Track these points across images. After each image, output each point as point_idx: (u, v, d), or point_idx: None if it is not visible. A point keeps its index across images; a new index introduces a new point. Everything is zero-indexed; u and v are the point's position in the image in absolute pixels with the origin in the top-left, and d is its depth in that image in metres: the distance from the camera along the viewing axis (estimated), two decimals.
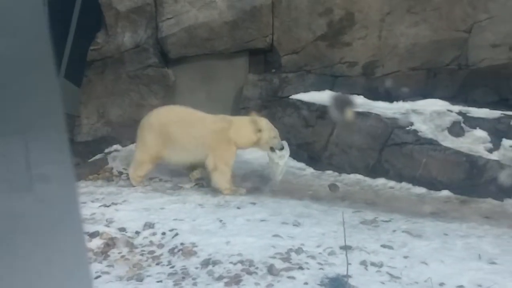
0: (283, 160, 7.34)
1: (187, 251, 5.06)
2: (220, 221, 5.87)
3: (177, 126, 7.39)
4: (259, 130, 7.29)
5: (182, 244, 5.23)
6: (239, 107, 8.96)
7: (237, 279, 4.55)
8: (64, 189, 1.05)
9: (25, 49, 0.99)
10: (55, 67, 1.04)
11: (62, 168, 1.04)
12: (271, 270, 4.68)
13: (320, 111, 8.49)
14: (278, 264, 4.80)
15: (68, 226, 1.06)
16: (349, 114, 8.10)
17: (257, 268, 4.74)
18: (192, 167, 7.69)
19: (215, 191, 7.29)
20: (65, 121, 1.04)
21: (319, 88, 8.92)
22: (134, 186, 7.48)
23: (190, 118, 7.48)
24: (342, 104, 8.29)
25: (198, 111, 7.61)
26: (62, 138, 1.03)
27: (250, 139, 7.33)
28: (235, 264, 4.79)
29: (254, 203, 6.73)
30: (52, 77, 1.03)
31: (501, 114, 8.55)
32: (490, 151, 8.03)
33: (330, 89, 8.92)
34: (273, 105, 8.82)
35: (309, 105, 8.64)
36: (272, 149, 7.33)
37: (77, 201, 1.08)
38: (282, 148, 7.32)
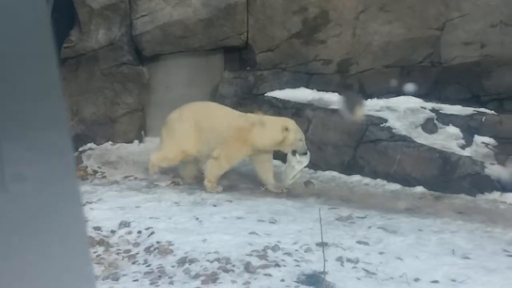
0: (300, 166, 7.29)
1: (163, 250, 5.06)
2: (197, 219, 5.87)
3: (205, 120, 7.37)
4: (286, 129, 7.19)
5: (158, 242, 5.22)
6: None
7: (214, 277, 4.56)
8: (66, 188, 1.05)
9: (27, 50, 0.98)
10: (58, 67, 1.03)
11: (64, 167, 1.04)
12: (247, 267, 4.70)
13: (295, 108, 8.51)
14: (255, 261, 4.82)
15: (70, 226, 1.05)
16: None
17: (233, 265, 4.75)
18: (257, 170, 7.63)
19: (192, 189, 7.28)
20: (67, 120, 1.04)
21: (294, 86, 8.95)
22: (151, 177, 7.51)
23: (217, 113, 7.47)
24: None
25: (227, 108, 7.64)
26: (64, 136, 1.03)
27: (275, 138, 7.20)
28: (211, 262, 4.79)
29: (230, 201, 6.74)
30: (55, 76, 1.02)
31: (473, 111, 8.67)
32: (463, 147, 8.14)
33: (306, 87, 8.96)
34: (249, 102, 8.82)
35: (284, 102, 8.67)
36: (294, 152, 7.26)
37: (80, 200, 1.08)
38: (305, 153, 7.27)
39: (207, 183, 7.24)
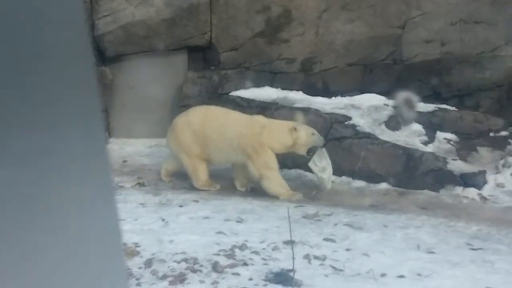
0: (326, 172, 7.21)
1: (130, 251, 5.02)
2: (163, 220, 5.84)
3: (212, 126, 7.20)
4: (295, 129, 7.06)
5: (124, 244, 5.17)
6: (179, 105, 8.91)
7: (181, 278, 4.54)
8: (100, 188, 1.03)
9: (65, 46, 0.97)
10: (93, 61, 1.02)
11: (98, 164, 1.02)
12: (215, 267, 4.69)
13: (260, 107, 8.53)
14: (223, 261, 4.81)
15: (105, 226, 1.04)
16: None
17: (201, 265, 4.73)
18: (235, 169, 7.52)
19: (157, 190, 7.24)
20: (102, 117, 1.02)
21: (258, 85, 8.97)
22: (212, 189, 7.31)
23: (224, 118, 7.29)
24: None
25: (234, 111, 7.50)
26: (99, 132, 1.01)
27: (286, 142, 7.11)
28: (179, 262, 4.77)
29: (196, 201, 6.72)
30: (91, 73, 1.01)
31: (435, 107, 8.81)
32: (426, 143, 8.26)
33: (270, 86, 8.99)
34: (213, 102, 8.78)
35: (249, 101, 8.68)
36: (309, 153, 7.19)
37: (114, 199, 1.06)
38: (324, 145, 7.19)
39: (281, 197, 7.10)
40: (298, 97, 8.82)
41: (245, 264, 4.81)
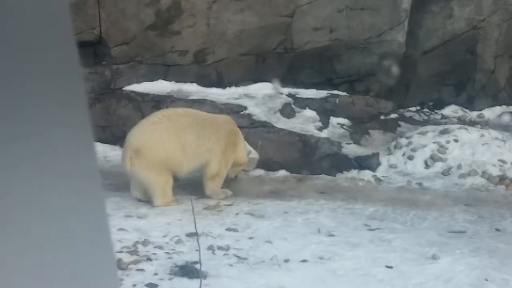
0: None
1: None
2: None
3: (190, 132, 6.46)
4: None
5: None
6: None
7: None
8: (89, 187, 0.98)
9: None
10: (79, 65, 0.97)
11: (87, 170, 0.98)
12: (119, 264, 4.61)
13: (155, 101, 8.43)
14: (126, 257, 4.74)
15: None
16: None
17: None
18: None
19: None
20: (88, 115, 0.97)
21: (151, 78, 8.85)
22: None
23: (203, 119, 6.68)
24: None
25: (204, 112, 7.04)
26: (87, 138, 0.97)
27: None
28: None
29: None
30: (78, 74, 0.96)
31: (327, 93, 9.04)
32: (320, 129, 8.46)
33: (163, 79, 8.89)
34: (107, 98, 8.63)
35: (143, 95, 8.55)
36: None
37: (104, 210, 1.01)
38: None
39: (212, 194, 6.70)
40: (192, 89, 8.79)
41: (149, 259, 4.77)
